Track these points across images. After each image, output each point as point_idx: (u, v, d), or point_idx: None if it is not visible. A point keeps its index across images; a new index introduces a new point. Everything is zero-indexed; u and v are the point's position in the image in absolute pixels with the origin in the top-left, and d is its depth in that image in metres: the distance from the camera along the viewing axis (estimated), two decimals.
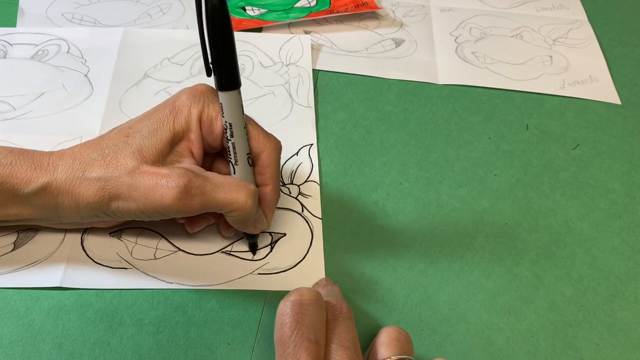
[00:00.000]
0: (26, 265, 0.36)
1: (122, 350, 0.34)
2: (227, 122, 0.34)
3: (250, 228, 0.36)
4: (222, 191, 0.33)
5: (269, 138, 0.36)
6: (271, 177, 0.36)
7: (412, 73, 0.53)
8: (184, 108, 0.34)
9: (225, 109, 0.33)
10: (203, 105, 0.35)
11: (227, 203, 0.33)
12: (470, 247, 0.41)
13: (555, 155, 0.48)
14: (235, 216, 0.34)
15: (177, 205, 0.31)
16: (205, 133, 0.35)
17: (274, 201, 0.37)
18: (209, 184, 0.33)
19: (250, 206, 0.33)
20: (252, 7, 0.56)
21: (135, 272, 0.37)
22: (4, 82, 0.47)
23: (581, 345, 0.37)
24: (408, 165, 0.45)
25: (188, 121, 0.34)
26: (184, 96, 0.35)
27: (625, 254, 0.42)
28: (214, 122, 0.35)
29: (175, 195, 0.31)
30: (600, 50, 0.58)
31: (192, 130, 0.34)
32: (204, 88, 0.35)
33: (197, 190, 0.32)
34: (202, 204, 0.32)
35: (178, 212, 0.32)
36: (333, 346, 0.30)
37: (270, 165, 0.36)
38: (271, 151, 0.36)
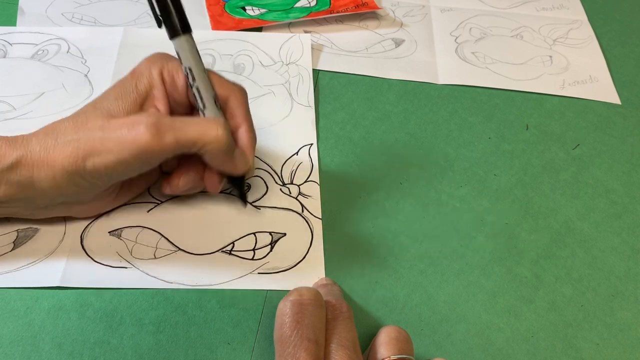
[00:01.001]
0: (26, 264, 0.36)
1: (122, 349, 0.34)
2: (186, 68, 0.35)
3: (231, 166, 0.36)
4: (193, 125, 0.33)
5: (233, 83, 0.38)
6: (243, 118, 0.37)
7: (412, 73, 0.53)
8: (145, 70, 0.36)
9: (182, 55, 0.35)
10: (162, 64, 0.36)
11: (199, 135, 0.33)
12: (470, 247, 0.41)
13: (555, 155, 0.48)
14: (211, 150, 0.34)
15: (152, 144, 0.32)
16: (170, 88, 0.36)
17: (252, 141, 0.38)
18: (179, 121, 0.33)
19: (223, 134, 0.33)
20: (252, 7, 0.56)
21: (135, 272, 0.37)
22: (4, 82, 0.47)
23: (581, 345, 0.37)
24: (408, 165, 0.45)
25: (149, 80, 0.36)
26: (144, 62, 0.37)
27: (625, 254, 0.42)
28: (175, 76, 0.36)
29: (148, 134, 0.31)
30: (600, 50, 0.58)
31: (155, 87, 0.36)
32: (160, 53, 0.37)
33: (167, 127, 0.32)
34: (176, 139, 0.32)
35: (155, 152, 0.32)
36: (333, 346, 0.30)
37: (240, 106, 0.37)
38: (237, 93, 0.37)
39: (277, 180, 0.43)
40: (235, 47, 0.52)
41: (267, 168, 0.43)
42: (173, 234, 0.39)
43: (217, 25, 0.54)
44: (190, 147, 0.33)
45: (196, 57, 0.36)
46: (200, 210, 0.40)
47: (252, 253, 0.39)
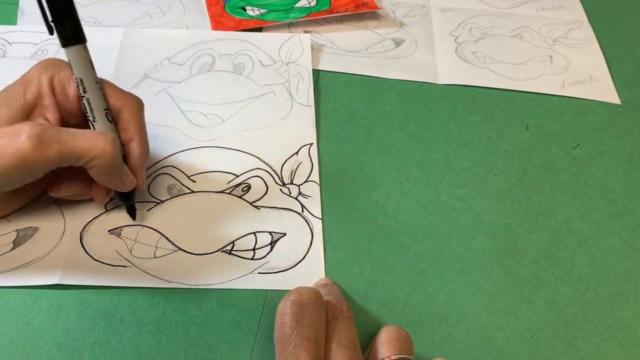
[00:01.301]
0: (25, 263, 0.36)
1: (122, 349, 0.34)
2: (77, 79, 0.34)
3: (118, 183, 0.35)
4: (80, 138, 0.32)
5: (128, 94, 0.36)
6: (136, 132, 0.36)
7: (412, 73, 0.53)
8: (34, 77, 0.35)
9: (74, 65, 0.34)
10: (53, 72, 0.35)
11: (85, 149, 0.32)
12: (470, 247, 0.41)
13: (555, 155, 0.48)
14: (97, 165, 0.33)
15: (34, 155, 0.30)
16: (60, 98, 0.35)
17: (142, 156, 0.37)
18: (65, 133, 0.32)
19: (111, 151, 0.32)
20: (252, 7, 0.56)
21: (134, 271, 0.37)
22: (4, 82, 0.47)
23: (581, 345, 0.37)
24: (408, 165, 0.45)
25: (39, 88, 0.34)
26: (34, 68, 0.35)
27: (625, 254, 0.42)
28: (66, 85, 0.35)
29: (30, 144, 0.30)
30: (600, 50, 0.58)
31: (44, 95, 0.34)
32: (53, 59, 0.36)
33: (52, 138, 0.31)
34: (60, 152, 0.31)
35: (37, 164, 0.31)
36: (333, 345, 0.30)
37: (133, 119, 0.36)
38: (131, 105, 0.36)
39: (277, 180, 0.43)
40: (235, 47, 0.52)
41: (267, 168, 0.43)
42: (173, 233, 0.39)
43: (217, 25, 0.54)
44: (75, 161, 0.32)
45: (88, 67, 0.34)
46: (200, 209, 0.40)
47: (252, 253, 0.39)
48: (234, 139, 0.45)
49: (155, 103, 0.47)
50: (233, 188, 0.42)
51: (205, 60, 0.51)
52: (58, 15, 0.33)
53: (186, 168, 0.43)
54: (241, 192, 0.42)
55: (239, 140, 0.45)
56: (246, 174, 0.43)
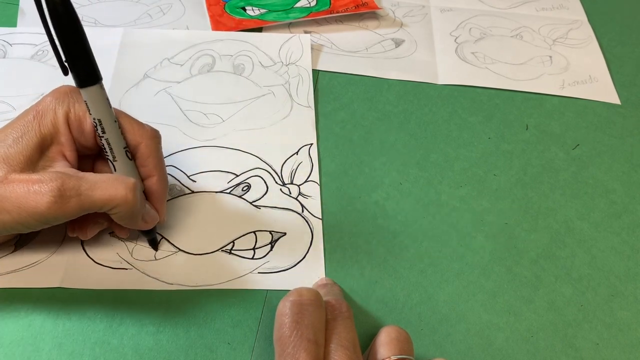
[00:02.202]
0: (27, 265, 0.36)
1: (123, 350, 0.34)
2: (95, 119, 0.33)
3: (139, 224, 0.34)
4: (99, 189, 0.31)
5: (144, 128, 0.35)
6: (154, 167, 0.35)
7: (412, 73, 0.53)
8: (49, 111, 0.33)
9: (91, 106, 0.32)
10: (68, 105, 0.33)
11: (105, 200, 0.31)
12: (470, 247, 0.41)
13: (555, 155, 0.48)
14: (118, 213, 0.32)
15: (53, 210, 0.30)
16: (76, 134, 0.34)
17: (162, 192, 0.36)
18: (85, 184, 0.31)
19: (132, 200, 0.32)
20: (252, 7, 0.56)
21: (135, 273, 0.37)
22: (4, 83, 0.47)
23: (581, 345, 0.37)
24: (408, 165, 0.45)
25: (54, 123, 0.33)
26: (48, 99, 0.33)
27: (625, 254, 0.42)
28: (82, 121, 0.33)
29: (49, 200, 0.30)
30: (600, 50, 0.58)
31: (60, 132, 0.33)
32: (67, 88, 0.34)
33: (72, 192, 0.30)
34: (80, 206, 0.31)
35: (56, 217, 0.31)
36: (332, 346, 0.30)
37: (151, 155, 0.35)
38: (149, 141, 0.35)
39: (277, 180, 0.43)
40: (235, 47, 0.52)
41: (267, 168, 0.43)
42: (173, 233, 0.39)
43: (217, 25, 0.54)
44: (95, 210, 0.32)
45: (106, 107, 0.33)
46: (200, 209, 0.40)
47: (252, 252, 0.39)
48: (234, 139, 0.45)
49: (155, 102, 0.47)
50: (233, 188, 0.42)
51: (205, 61, 0.51)
52: (73, 57, 0.31)
53: (186, 168, 0.43)
54: (241, 192, 0.42)
55: (239, 140, 0.45)
56: (246, 173, 0.43)
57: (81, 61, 0.31)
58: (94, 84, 0.32)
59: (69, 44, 0.31)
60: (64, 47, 0.31)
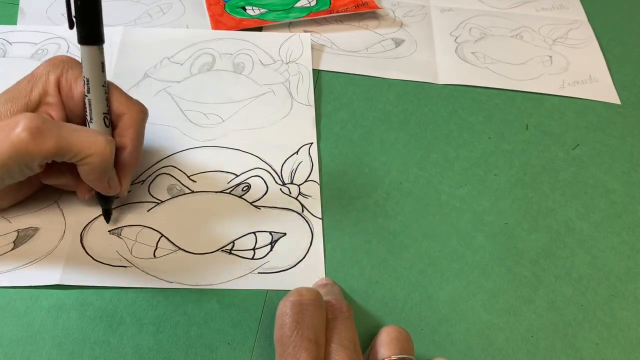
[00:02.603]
0: (26, 263, 0.36)
1: (122, 349, 0.34)
2: (85, 78, 0.34)
3: (104, 185, 0.35)
4: (80, 135, 0.32)
5: (133, 102, 0.37)
6: (131, 140, 0.36)
7: (412, 73, 0.53)
8: (42, 74, 0.35)
9: (84, 64, 0.34)
10: (62, 70, 0.35)
11: (83, 146, 0.32)
12: (470, 247, 0.41)
13: (555, 155, 0.48)
14: (91, 163, 0.33)
15: (31, 147, 0.30)
16: (65, 97, 0.35)
17: (132, 165, 0.37)
18: (65, 128, 0.32)
19: (108, 152, 0.33)
20: (252, 7, 0.56)
21: (135, 271, 0.37)
22: (4, 82, 0.47)
23: (581, 345, 0.37)
24: (408, 165, 0.45)
25: (45, 86, 0.35)
26: (43, 65, 0.36)
27: (625, 254, 0.42)
28: (73, 86, 0.35)
29: (27, 136, 0.30)
30: (600, 50, 0.58)
31: (49, 94, 0.35)
32: (64, 57, 0.36)
33: (51, 132, 0.31)
34: (58, 146, 0.31)
35: (34, 155, 0.31)
36: (333, 346, 0.30)
37: (132, 127, 0.36)
38: (134, 114, 0.36)
39: (277, 180, 0.43)
40: (235, 46, 0.52)
41: (267, 168, 0.43)
42: (173, 233, 0.39)
43: (217, 25, 0.54)
44: (70, 156, 0.32)
45: (98, 69, 0.34)
46: (200, 209, 0.40)
47: (252, 252, 0.39)
48: (234, 139, 0.45)
49: (155, 102, 0.47)
50: (233, 188, 0.42)
51: (205, 60, 0.51)
52: (82, 12, 0.33)
53: (186, 168, 0.43)
54: (241, 192, 0.42)
55: (239, 139, 0.45)
56: (246, 173, 0.43)
57: (89, 20, 0.33)
58: (94, 44, 0.34)
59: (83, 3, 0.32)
60: (78, 4, 0.32)
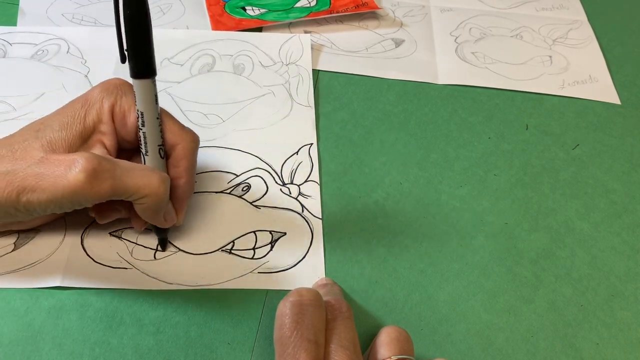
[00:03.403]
0: (26, 265, 0.36)
1: (122, 350, 0.34)
2: (139, 111, 0.34)
3: (160, 220, 0.35)
4: (134, 175, 0.32)
5: (185, 131, 0.36)
6: (185, 170, 0.36)
7: (412, 73, 0.53)
8: (96, 101, 0.34)
9: (138, 97, 0.34)
10: (116, 97, 0.35)
11: (138, 187, 0.32)
12: (470, 247, 0.41)
13: (555, 155, 0.48)
14: (146, 203, 0.33)
15: (87, 189, 0.30)
16: (119, 126, 0.35)
17: (187, 195, 0.37)
18: (119, 168, 0.32)
19: (163, 192, 0.33)
20: (252, 7, 0.56)
21: (135, 273, 0.37)
22: (4, 82, 0.47)
23: (581, 345, 0.37)
24: (408, 165, 0.45)
25: (100, 113, 0.34)
26: (97, 89, 0.35)
27: (625, 254, 0.42)
28: (126, 114, 0.35)
29: (84, 179, 0.30)
30: (600, 50, 0.58)
31: (103, 122, 0.34)
32: (118, 81, 0.36)
33: (107, 174, 0.31)
34: (113, 188, 0.31)
35: (89, 197, 0.31)
36: (333, 346, 0.30)
37: (185, 158, 0.36)
38: (187, 144, 0.36)
39: (277, 180, 0.43)
40: (235, 47, 0.52)
41: (267, 168, 0.43)
42: (173, 234, 0.39)
43: (217, 25, 0.54)
44: (126, 197, 0.32)
45: (152, 102, 0.34)
46: (200, 209, 0.40)
47: (252, 252, 0.39)
48: (234, 139, 0.45)
49: None
50: (233, 188, 0.42)
51: (205, 61, 0.51)
52: (135, 46, 0.32)
53: None
54: (241, 192, 0.42)
55: (239, 140, 0.45)
56: (246, 173, 0.43)
57: (141, 53, 0.32)
58: (148, 77, 0.33)
59: (135, 34, 0.32)
60: (129, 36, 0.32)
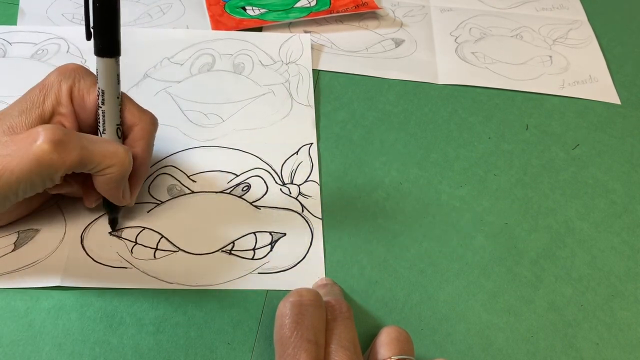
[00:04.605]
0: (26, 265, 0.36)
1: (122, 350, 0.34)
2: (100, 89, 0.34)
3: (119, 195, 0.35)
4: (101, 145, 0.33)
5: (144, 112, 0.37)
6: (142, 150, 0.36)
7: (412, 73, 0.53)
8: (54, 84, 0.35)
9: (100, 76, 0.34)
10: (74, 80, 0.35)
11: (104, 156, 0.32)
12: (470, 247, 0.41)
13: (555, 155, 0.48)
14: (111, 173, 0.33)
15: (54, 159, 0.30)
16: (78, 108, 0.35)
17: (142, 176, 0.37)
18: (85, 139, 0.32)
19: (128, 162, 0.33)
20: (252, 7, 0.56)
21: (135, 272, 0.37)
22: (3, 82, 0.47)
23: (581, 345, 0.37)
24: (408, 165, 0.45)
25: (58, 96, 0.34)
26: (54, 74, 0.35)
27: (625, 254, 0.42)
28: (85, 96, 0.35)
29: (49, 148, 0.30)
30: (600, 50, 0.58)
31: (62, 104, 0.35)
32: (74, 66, 0.36)
33: (74, 144, 0.31)
34: (81, 157, 0.31)
35: (57, 168, 0.31)
36: (333, 346, 0.30)
37: (143, 139, 0.36)
38: (145, 124, 0.36)
39: (277, 180, 0.43)
40: (235, 46, 0.52)
41: (267, 168, 0.43)
42: (173, 233, 0.39)
43: (217, 25, 0.54)
44: (91, 167, 0.33)
45: (114, 81, 0.34)
46: (200, 209, 0.40)
47: (252, 253, 0.39)
48: (234, 139, 0.45)
49: (155, 103, 0.47)
50: (233, 188, 0.42)
51: (205, 60, 0.51)
52: (101, 24, 0.32)
53: (186, 168, 0.43)
54: (241, 192, 0.42)
55: (239, 139, 0.45)
56: (246, 173, 0.43)
57: (107, 32, 0.33)
58: (112, 56, 0.34)
59: (102, 12, 0.32)
60: (95, 14, 0.32)
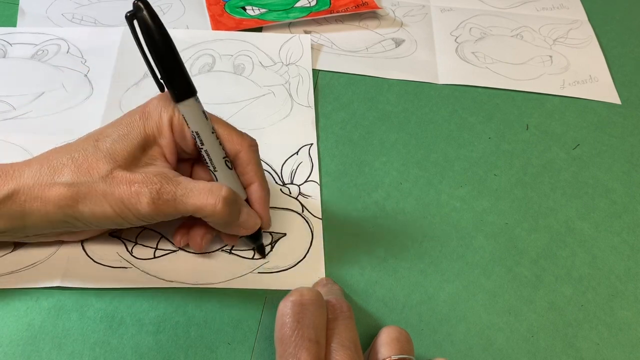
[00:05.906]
0: (27, 266, 0.36)
1: (122, 350, 0.34)
2: (193, 132, 0.34)
3: (235, 230, 0.35)
4: (192, 196, 0.33)
5: (242, 137, 0.36)
6: (255, 174, 0.36)
7: (412, 73, 0.53)
8: (155, 113, 0.34)
9: (188, 119, 0.34)
10: (173, 110, 0.34)
11: (197, 208, 0.33)
12: (470, 247, 0.41)
13: (555, 155, 0.48)
14: (210, 221, 0.34)
15: (151, 210, 0.32)
16: (178, 138, 0.35)
17: (265, 198, 0.37)
18: (181, 190, 0.33)
19: (220, 210, 0.33)
20: (252, 7, 0.56)
21: (135, 272, 0.37)
22: (4, 82, 0.47)
23: (581, 345, 0.37)
24: (408, 165, 0.45)
25: (159, 126, 0.34)
26: (155, 101, 0.35)
27: (625, 254, 0.42)
28: (184, 128, 0.34)
29: (148, 201, 0.32)
30: (600, 50, 0.58)
31: (163, 135, 0.34)
32: None
33: (168, 196, 0.32)
34: (175, 209, 0.32)
35: (153, 217, 0.32)
36: (333, 346, 0.30)
37: (251, 163, 0.36)
38: (247, 149, 0.36)
39: (277, 180, 0.43)
40: (235, 47, 0.52)
41: (267, 168, 0.43)
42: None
43: (217, 25, 0.54)
44: (188, 215, 0.33)
45: (202, 119, 0.34)
46: None
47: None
48: None
49: None
50: None
51: (205, 61, 0.51)
52: (167, 72, 0.32)
53: None
54: None
55: None
56: None
57: (176, 78, 0.33)
58: (189, 97, 0.33)
59: (165, 64, 0.32)
60: (160, 67, 0.32)
